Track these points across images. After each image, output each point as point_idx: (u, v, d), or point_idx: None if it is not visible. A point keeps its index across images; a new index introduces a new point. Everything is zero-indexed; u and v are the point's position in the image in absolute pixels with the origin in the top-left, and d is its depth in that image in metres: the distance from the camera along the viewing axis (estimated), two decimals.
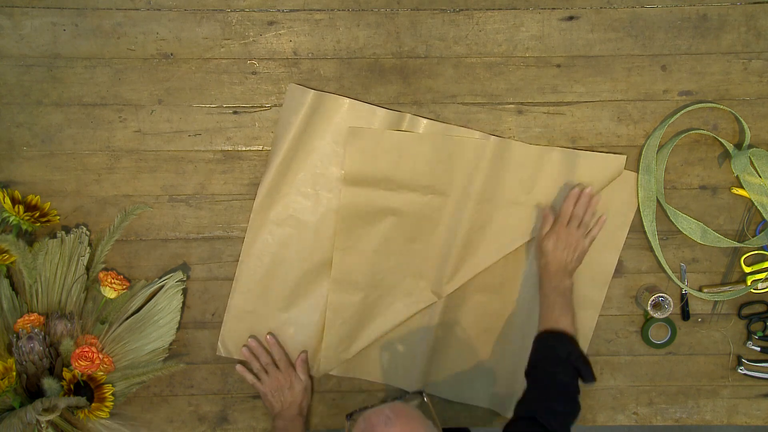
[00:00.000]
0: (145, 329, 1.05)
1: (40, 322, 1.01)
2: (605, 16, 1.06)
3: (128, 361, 1.05)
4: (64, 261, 1.04)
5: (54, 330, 1.02)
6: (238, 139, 1.08)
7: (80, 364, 0.98)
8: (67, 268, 1.04)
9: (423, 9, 1.05)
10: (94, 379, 1.01)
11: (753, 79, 1.08)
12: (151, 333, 1.06)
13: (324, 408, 1.14)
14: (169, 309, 1.06)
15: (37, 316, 1.01)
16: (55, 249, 1.03)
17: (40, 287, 1.03)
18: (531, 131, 1.09)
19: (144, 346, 1.06)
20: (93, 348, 1.00)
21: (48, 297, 1.04)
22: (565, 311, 0.98)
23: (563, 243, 1.01)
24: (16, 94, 1.06)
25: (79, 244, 1.05)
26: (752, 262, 1.12)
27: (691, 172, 1.10)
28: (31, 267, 1.01)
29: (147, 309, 1.06)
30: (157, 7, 1.04)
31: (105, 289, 1.03)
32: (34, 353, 0.99)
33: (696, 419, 1.17)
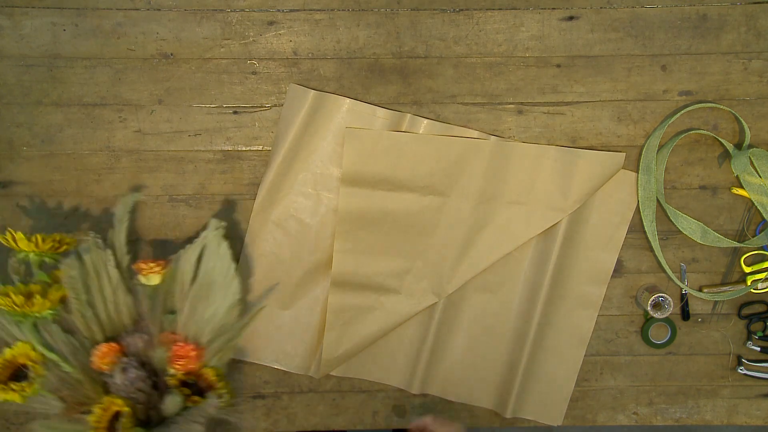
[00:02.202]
0: (210, 295, 0.96)
1: (114, 349, 0.91)
2: (605, 16, 1.06)
3: (211, 333, 0.96)
4: (93, 275, 0.95)
5: (135, 349, 0.94)
6: (238, 139, 1.08)
7: (180, 366, 0.91)
8: (100, 280, 0.96)
9: (423, 9, 1.05)
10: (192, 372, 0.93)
11: (753, 79, 1.08)
12: (216, 294, 0.96)
13: (324, 408, 1.14)
14: (221, 263, 0.96)
15: (108, 346, 0.92)
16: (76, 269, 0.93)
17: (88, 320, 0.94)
18: (531, 131, 1.09)
19: (218, 311, 0.96)
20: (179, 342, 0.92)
21: (101, 319, 0.95)
22: None
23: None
24: (16, 94, 1.06)
25: (98, 250, 0.96)
26: (752, 262, 1.12)
27: (691, 172, 1.10)
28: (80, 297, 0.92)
29: (200, 276, 0.97)
30: (157, 7, 1.05)
31: (147, 279, 0.94)
32: (137, 381, 0.90)
33: (696, 419, 1.17)
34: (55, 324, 0.92)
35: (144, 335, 0.94)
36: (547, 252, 1.09)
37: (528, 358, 1.11)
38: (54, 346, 0.91)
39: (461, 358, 1.13)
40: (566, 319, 1.11)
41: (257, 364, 1.12)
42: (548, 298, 1.10)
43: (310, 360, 1.12)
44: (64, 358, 0.91)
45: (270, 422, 1.14)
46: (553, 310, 1.10)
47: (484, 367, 1.13)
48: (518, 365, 1.11)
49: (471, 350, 1.12)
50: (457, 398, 1.14)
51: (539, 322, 1.10)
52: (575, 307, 1.11)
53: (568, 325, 1.11)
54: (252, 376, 1.13)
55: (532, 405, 1.13)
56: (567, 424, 1.15)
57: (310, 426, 1.14)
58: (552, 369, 1.12)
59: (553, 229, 1.09)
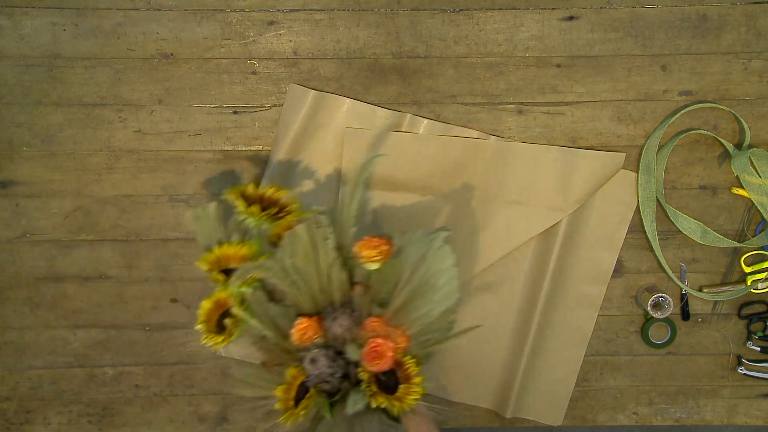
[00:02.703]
0: (426, 294, 0.92)
1: (315, 328, 0.90)
2: (605, 16, 1.06)
3: (419, 327, 0.93)
4: (310, 252, 0.91)
5: (333, 334, 0.92)
6: (238, 139, 1.08)
7: (374, 365, 0.87)
8: (317, 258, 0.92)
9: (423, 9, 1.05)
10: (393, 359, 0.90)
11: (753, 79, 1.08)
12: (432, 297, 0.92)
13: None
14: (443, 269, 0.92)
15: (309, 321, 0.90)
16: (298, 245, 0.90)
17: (299, 288, 0.92)
18: (531, 131, 1.09)
19: (431, 311, 0.92)
20: (379, 338, 0.88)
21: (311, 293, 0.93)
22: None
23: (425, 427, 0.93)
24: (16, 94, 1.06)
25: (318, 228, 0.91)
26: (752, 262, 1.12)
27: (691, 172, 1.10)
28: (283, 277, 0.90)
29: (420, 275, 0.92)
30: (157, 7, 1.05)
31: (366, 264, 0.90)
32: (323, 375, 0.90)
33: (696, 419, 1.17)
34: (260, 291, 0.92)
35: (345, 321, 0.91)
36: (547, 252, 1.09)
37: (528, 358, 1.11)
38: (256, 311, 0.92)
39: (461, 358, 1.12)
40: (566, 319, 1.11)
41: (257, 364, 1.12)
42: (548, 298, 1.10)
43: None
44: (265, 324, 0.92)
45: (270, 422, 1.14)
46: (553, 310, 1.10)
47: (484, 367, 1.13)
48: (518, 365, 1.11)
49: (471, 350, 1.12)
50: (457, 398, 1.14)
51: (539, 322, 1.10)
52: (575, 307, 1.11)
53: (568, 325, 1.11)
54: None
55: (532, 405, 1.13)
56: (567, 424, 1.15)
57: None
58: (552, 369, 1.12)
59: (553, 229, 1.09)
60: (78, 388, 1.13)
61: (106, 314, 1.11)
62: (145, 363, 1.13)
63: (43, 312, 1.11)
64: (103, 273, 1.10)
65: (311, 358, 0.89)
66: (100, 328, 1.12)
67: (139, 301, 1.11)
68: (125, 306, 1.11)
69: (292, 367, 0.91)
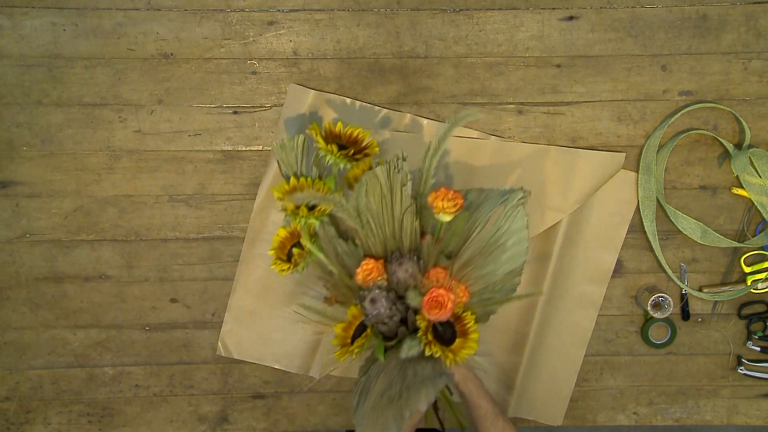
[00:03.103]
0: (493, 253, 0.93)
1: (380, 271, 0.92)
2: (605, 16, 1.06)
3: (483, 285, 0.95)
4: (386, 196, 0.93)
5: (396, 278, 0.93)
6: (238, 139, 1.08)
7: (434, 313, 0.88)
8: (392, 202, 0.94)
9: (423, 9, 1.05)
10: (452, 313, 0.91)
11: (753, 79, 1.08)
12: (500, 256, 0.94)
13: (324, 408, 1.14)
14: (514, 229, 0.94)
15: (375, 263, 0.92)
16: (374, 186, 0.93)
17: (370, 229, 0.94)
18: (531, 131, 1.09)
19: (496, 270, 0.94)
20: (441, 289, 0.89)
21: (381, 236, 0.95)
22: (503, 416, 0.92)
23: None
24: (16, 94, 1.06)
25: (398, 173, 0.93)
26: (752, 262, 1.12)
27: (691, 172, 1.10)
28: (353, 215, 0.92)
29: (490, 233, 0.94)
30: (157, 7, 1.05)
31: (439, 215, 0.91)
32: (381, 316, 0.92)
33: (696, 419, 1.17)
34: (331, 227, 0.95)
35: (411, 267, 0.93)
36: (547, 252, 1.09)
37: (528, 358, 1.11)
38: (324, 244, 0.95)
39: None
40: (566, 319, 1.11)
41: (257, 364, 1.12)
42: (548, 298, 1.10)
43: (310, 360, 1.12)
44: (330, 258, 0.95)
45: (270, 422, 1.14)
46: (553, 310, 1.10)
47: (484, 366, 1.13)
48: (518, 365, 1.11)
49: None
50: (456, 398, 1.14)
51: (539, 322, 1.10)
52: (575, 307, 1.11)
53: (568, 325, 1.11)
54: (252, 376, 1.13)
55: (532, 405, 1.13)
56: (567, 424, 1.15)
57: (310, 426, 1.14)
58: (552, 369, 1.12)
59: (553, 229, 1.09)
60: (78, 388, 1.13)
61: (106, 314, 1.11)
62: (145, 363, 1.13)
63: (43, 312, 1.11)
64: (103, 273, 1.10)
65: (372, 298, 0.92)
66: (100, 328, 1.12)
67: (139, 301, 1.11)
68: (125, 306, 1.11)
69: (353, 306, 0.94)
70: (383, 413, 0.85)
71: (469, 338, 0.91)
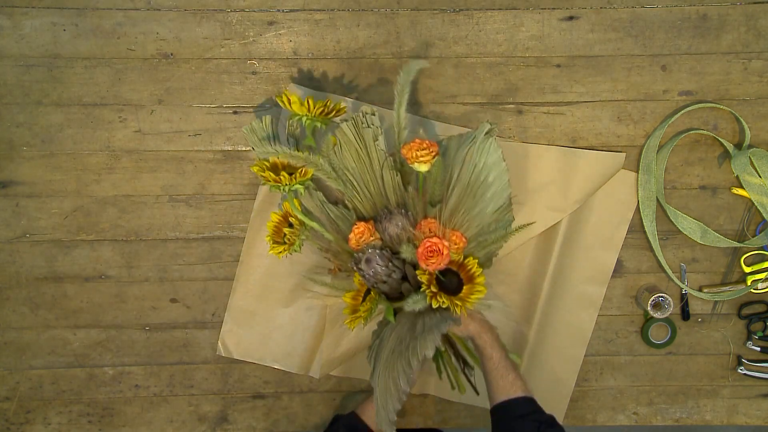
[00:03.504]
0: (477, 192, 0.92)
1: (371, 231, 0.92)
2: (605, 16, 1.06)
3: (477, 228, 0.94)
4: (361, 152, 0.94)
5: (388, 235, 0.93)
6: (238, 139, 1.08)
7: (431, 263, 0.87)
8: (369, 159, 0.94)
9: (423, 9, 1.05)
10: (453, 261, 0.91)
11: (753, 79, 1.08)
12: (484, 194, 0.92)
13: (324, 408, 1.14)
14: (491, 164, 0.92)
15: (365, 225, 0.92)
16: (347, 144, 0.94)
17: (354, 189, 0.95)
18: (531, 131, 1.09)
19: (485, 209, 0.93)
20: (434, 238, 0.88)
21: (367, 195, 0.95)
22: (515, 370, 0.91)
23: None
24: (16, 94, 1.06)
25: (367, 127, 0.94)
26: (752, 262, 1.12)
27: (691, 172, 1.10)
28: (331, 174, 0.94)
29: (468, 173, 0.92)
30: (157, 7, 1.05)
31: (415, 166, 0.90)
32: (378, 275, 0.91)
33: (696, 419, 1.17)
34: (319, 192, 0.97)
35: (401, 221, 0.93)
36: (547, 252, 1.09)
37: (528, 358, 1.11)
38: (317, 213, 0.96)
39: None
40: (566, 319, 1.11)
41: (257, 364, 1.12)
42: (548, 298, 1.10)
43: (310, 360, 1.12)
44: (324, 227, 0.95)
45: (270, 422, 1.14)
46: (553, 310, 1.10)
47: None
48: (518, 365, 1.11)
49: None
50: (457, 398, 1.14)
51: (539, 322, 1.10)
52: (575, 307, 1.11)
53: (568, 325, 1.11)
54: (252, 376, 1.13)
55: None
56: (567, 424, 1.15)
57: (310, 426, 1.14)
58: (552, 369, 1.12)
59: (553, 229, 1.09)
60: (78, 388, 1.13)
61: (106, 314, 1.11)
62: (145, 363, 1.13)
63: (43, 312, 1.11)
64: (103, 273, 1.10)
65: (366, 258, 0.91)
66: (100, 328, 1.12)
67: (139, 301, 1.11)
68: (125, 306, 1.11)
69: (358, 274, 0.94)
70: (394, 366, 0.85)
71: (476, 283, 0.90)
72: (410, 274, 0.92)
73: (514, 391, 0.89)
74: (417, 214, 0.94)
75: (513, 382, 0.90)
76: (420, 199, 0.94)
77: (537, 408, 0.89)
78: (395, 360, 0.86)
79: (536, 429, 0.86)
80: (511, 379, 0.90)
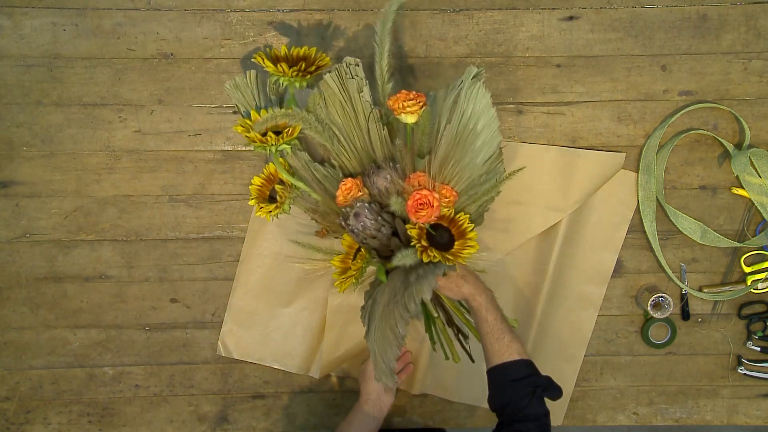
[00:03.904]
0: (466, 141, 0.89)
1: (359, 186, 0.90)
2: (605, 16, 1.06)
3: (467, 180, 0.91)
4: (346, 105, 0.91)
5: (377, 189, 0.90)
6: (238, 139, 1.08)
7: (421, 215, 0.85)
8: (355, 112, 0.91)
9: (423, 9, 1.05)
10: (444, 216, 0.89)
11: (753, 79, 1.08)
12: (474, 143, 0.88)
13: (324, 408, 1.14)
14: (480, 110, 0.88)
15: (352, 181, 0.90)
16: (332, 97, 0.91)
17: (340, 144, 0.92)
18: (531, 131, 1.09)
19: (475, 159, 0.89)
20: (424, 190, 0.86)
21: (353, 150, 0.93)
22: (511, 333, 0.89)
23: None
24: (16, 94, 1.06)
25: (352, 79, 0.91)
26: (752, 262, 1.12)
27: (691, 172, 1.10)
28: (319, 129, 0.90)
29: (456, 121, 0.89)
30: (157, 7, 1.05)
31: (402, 117, 0.87)
32: (368, 229, 0.89)
33: (696, 419, 1.17)
34: (304, 152, 0.93)
35: (389, 174, 0.90)
36: (547, 252, 1.09)
37: None
38: (302, 173, 0.93)
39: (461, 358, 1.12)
40: (566, 319, 1.11)
41: (257, 365, 1.12)
42: (548, 298, 1.10)
43: (310, 360, 1.12)
44: (310, 187, 0.92)
45: (270, 422, 1.14)
46: (553, 310, 1.10)
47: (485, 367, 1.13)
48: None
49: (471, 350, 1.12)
50: (457, 398, 1.14)
51: (539, 322, 1.10)
52: (575, 307, 1.11)
53: (568, 325, 1.11)
54: (252, 376, 1.13)
55: None
56: (567, 424, 1.15)
57: (310, 426, 1.14)
58: (552, 369, 1.12)
59: (553, 229, 1.09)
60: (78, 388, 1.13)
61: (106, 314, 1.11)
62: (145, 363, 1.13)
63: (43, 312, 1.11)
64: (103, 273, 1.10)
65: (354, 212, 0.89)
66: (100, 328, 1.12)
67: (139, 301, 1.11)
68: (125, 306, 1.11)
69: (347, 235, 0.91)
70: (391, 315, 0.84)
71: (468, 238, 0.88)
72: (400, 229, 0.90)
73: (509, 354, 0.88)
74: (406, 168, 0.91)
75: (509, 344, 0.88)
76: (408, 151, 0.91)
77: (534, 371, 0.88)
78: (391, 310, 0.84)
79: (531, 393, 0.85)
80: (507, 341, 0.88)
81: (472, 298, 0.91)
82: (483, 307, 0.91)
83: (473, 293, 0.91)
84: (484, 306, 0.91)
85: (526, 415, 0.84)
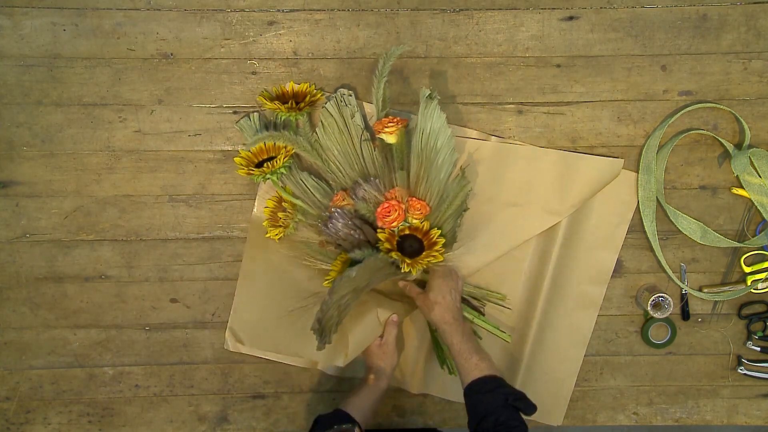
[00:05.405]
0: (429, 158, 0.97)
1: (347, 200, 1.01)
2: (605, 16, 1.06)
3: (437, 196, 0.99)
4: (343, 130, 1.03)
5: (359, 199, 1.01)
6: (238, 139, 1.08)
7: (388, 221, 0.97)
8: (350, 136, 1.03)
9: (423, 9, 1.05)
10: (418, 229, 0.99)
11: (753, 79, 1.08)
12: (436, 160, 0.97)
13: (324, 408, 1.14)
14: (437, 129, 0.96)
15: (342, 193, 1.01)
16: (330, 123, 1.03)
17: (335, 165, 1.04)
18: (531, 131, 1.09)
19: (439, 175, 0.98)
20: (393, 201, 0.98)
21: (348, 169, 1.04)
22: (479, 353, 0.95)
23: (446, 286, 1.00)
24: (16, 94, 1.06)
25: (345, 106, 1.03)
26: (752, 262, 1.12)
27: (691, 172, 1.10)
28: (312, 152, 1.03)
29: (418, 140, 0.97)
30: (157, 7, 1.05)
31: (384, 137, 0.99)
32: (340, 231, 1.00)
33: (696, 419, 1.17)
34: (305, 172, 1.05)
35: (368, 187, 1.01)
36: (547, 252, 1.09)
37: (528, 357, 1.11)
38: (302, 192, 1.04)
39: None
40: (566, 319, 1.11)
41: (257, 364, 1.12)
42: (548, 298, 1.10)
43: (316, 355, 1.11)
44: (309, 205, 1.04)
45: (270, 422, 1.14)
46: (553, 310, 1.10)
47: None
48: (518, 365, 1.11)
49: None
50: (457, 398, 1.14)
51: (539, 322, 1.10)
52: (575, 307, 1.11)
53: (568, 325, 1.11)
54: (252, 376, 1.13)
55: None
56: (567, 424, 1.15)
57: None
58: (552, 369, 1.12)
59: (553, 229, 1.09)
60: (78, 388, 1.13)
61: (106, 314, 1.11)
62: (145, 363, 1.13)
63: (43, 312, 1.11)
64: (103, 273, 1.10)
65: (330, 217, 1.01)
66: (100, 328, 1.12)
67: (139, 301, 1.11)
68: (125, 306, 1.11)
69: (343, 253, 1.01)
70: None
71: (435, 249, 0.97)
72: (368, 233, 1.00)
73: (479, 371, 0.93)
74: (386, 183, 1.01)
75: (477, 364, 0.93)
76: (389, 168, 1.01)
77: (503, 383, 0.92)
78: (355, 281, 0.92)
79: (504, 401, 0.89)
80: (475, 361, 0.94)
81: (439, 324, 0.98)
82: (448, 333, 0.97)
83: (440, 321, 0.98)
84: (449, 332, 0.97)
85: (509, 426, 0.87)
